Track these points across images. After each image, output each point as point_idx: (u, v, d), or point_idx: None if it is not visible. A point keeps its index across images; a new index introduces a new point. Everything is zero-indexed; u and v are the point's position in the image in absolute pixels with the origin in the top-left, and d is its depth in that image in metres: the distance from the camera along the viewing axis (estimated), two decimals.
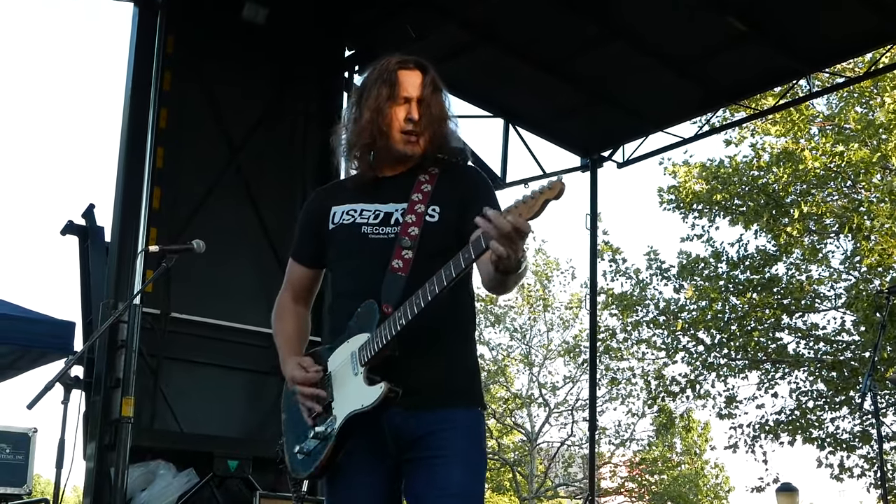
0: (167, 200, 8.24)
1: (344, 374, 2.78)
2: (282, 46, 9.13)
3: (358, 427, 2.73)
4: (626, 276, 20.55)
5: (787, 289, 18.17)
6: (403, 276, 2.75)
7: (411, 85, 2.92)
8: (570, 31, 9.29)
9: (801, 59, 9.52)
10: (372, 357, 2.70)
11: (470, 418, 2.82)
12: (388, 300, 2.72)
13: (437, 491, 2.71)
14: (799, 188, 17.54)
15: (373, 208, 2.90)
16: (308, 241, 3.06)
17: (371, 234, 2.86)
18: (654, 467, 28.83)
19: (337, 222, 2.94)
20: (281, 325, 3.09)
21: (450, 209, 2.85)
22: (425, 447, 2.73)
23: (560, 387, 27.92)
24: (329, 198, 3.04)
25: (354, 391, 2.72)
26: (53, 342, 8.08)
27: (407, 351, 2.70)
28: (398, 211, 2.86)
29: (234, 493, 7.92)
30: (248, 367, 8.30)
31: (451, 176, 2.93)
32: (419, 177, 2.91)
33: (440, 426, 2.74)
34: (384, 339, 2.67)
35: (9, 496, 7.31)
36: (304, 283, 3.11)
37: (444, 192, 2.88)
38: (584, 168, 11.42)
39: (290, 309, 3.11)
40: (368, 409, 2.67)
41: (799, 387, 18.51)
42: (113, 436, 7.14)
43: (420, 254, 2.78)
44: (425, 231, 2.81)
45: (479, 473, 2.84)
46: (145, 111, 7.97)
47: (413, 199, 2.85)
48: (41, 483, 29.49)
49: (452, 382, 2.81)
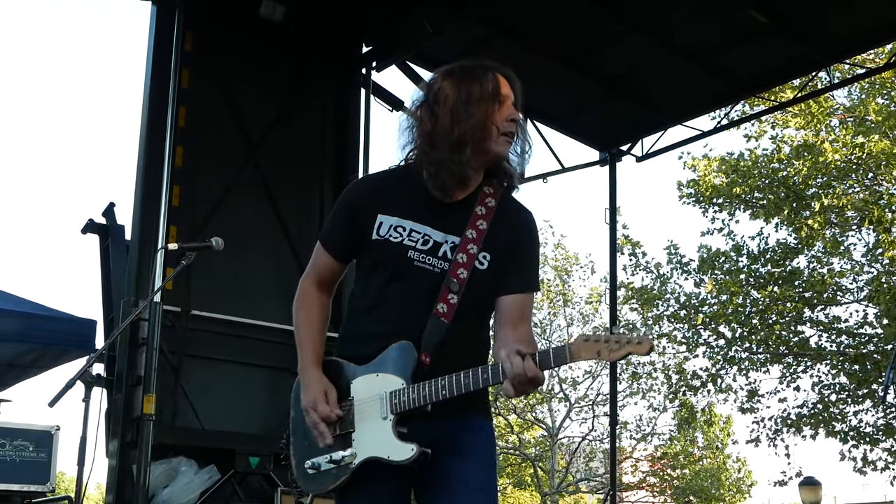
0: (186, 198, 8.27)
1: (370, 411, 2.74)
2: (299, 43, 9.14)
3: (375, 464, 2.71)
4: (646, 270, 20.50)
5: (809, 282, 18.07)
6: (446, 324, 2.73)
7: (509, 90, 2.91)
8: (588, 24, 9.26)
9: (820, 51, 9.46)
10: (407, 411, 2.68)
11: (484, 426, 2.88)
12: (427, 348, 2.71)
13: (457, 485, 2.74)
14: (820, 181, 17.43)
15: (423, 231, 2.80)
16: (346, 236, 2.92)
17: (417, 260, 2.78)
18: (675, 462, 28.74)
19: (383, 235, 2.81)
20: (305, 314, 2.96)
21: (498, 259, 2.82)
22: (445, 446, 2.76)
23: (581, 382, 27.92)
24: (377, 198, 2.87)
25: (381, 437, 2.70)
26: (75, 340, 8.11)
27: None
28: (448, 243, 2.80)
29: (255, 490, 7.94)
30: (268, 364, 8.32)
31: (507, 216, 2.89)
32: (476, 208, 2.84)
33: (457, 427, 2.78)
34: (423, 400, 2.66)
35: (32, 493, 7.36)
36: (331, 275, 2.99)
37: (497, 236, 2.83)
38: (603, 162, 11.40)
39: (316, 298, 2.98)
40: (394, 464, 2.68)
41: (821, 380, 18.42)
42: (135, 433, 7.17)
43: (464, 300, 2.76)
44: (473, 277, 2.77)
45: (494, 471, 2.89)
46: (164, 109, 8.01)
47: (467, 235, 2.79)
48: (64, 480, 29.69)
49: (475, 396, 2.77)
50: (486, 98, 2.84)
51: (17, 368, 9.46)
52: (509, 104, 2.88)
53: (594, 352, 2.51)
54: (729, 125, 11.69)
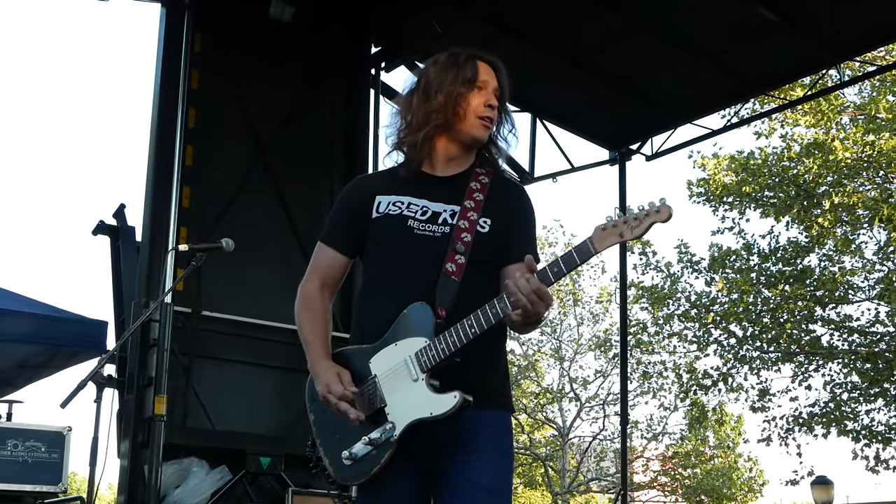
0: (196, 199, 8.29)
1: (398, 380, 2.72)
2: (308, 44, 9.16)
3: (417, 431, 2.70)
4: (656, 269, 20.48)
5: (820, 280, 18.03)
6: (457, 281, 2.75)
7: (489, 76, 2.94)
8: (595, 23, 9.25)
9: (830, 48, 9.41)
10: (437, 364, 2.67)
11: (502, 420, 2.86)
12: (443, 303, 2.72)
13: (470, 486, 2.72)
14: (830, 179, 17.38)
15: (421, 204, 2.86)
16: (347, 227, 2.96)
17: (417, 229, 2.83)
18: (686, 461, 28.69)
19: (382, 212, 2.87)
20: (310, 316, 2.97)
21: (499, 224, 2.87)
22: (459, 444, 2.74)
23: (591, 381, 27.92)
24: (373, 185, 2.97)
25: (418, 399, 2.68)
26: (86, 341, 8.12)
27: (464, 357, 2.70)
28: (446, 212, 2.85)
29: (266, 490, 7.95)
30: (279, 365, 8.33)
31: (502, 190, 2.95)
32: (471, 183, 2.90)
33: (475, 424, 2.75)
34: (451, 348, 2.65)
35: (44, 494, 7.37)
36: (335, 272, 3.00)
37: (495, 205, 2.89)
38: (613, 161, 11.37)
39: (319, 300, 2.99)
40: (440, 417, 2.65)
41: (833, 379, 18.37)
42: (146, 434, 7.19)
43: (471, 261, 2.78)
44: (477, 240, 2.81)
45: (509, 471, 2.88)
46: (174, 110, 8.03)
47: (466, 205, 2.85)
48: (76, 481, 29.75)
49: (490, 386, 2.82)
50: (461, 82, 2.88)
51: (29, 369, 9.48)
52: (489, 91, 2.92)
53: (617, 235, 2.54)
54: (739, 124, 11.66)
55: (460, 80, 2.89)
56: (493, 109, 2.91)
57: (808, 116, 17.16)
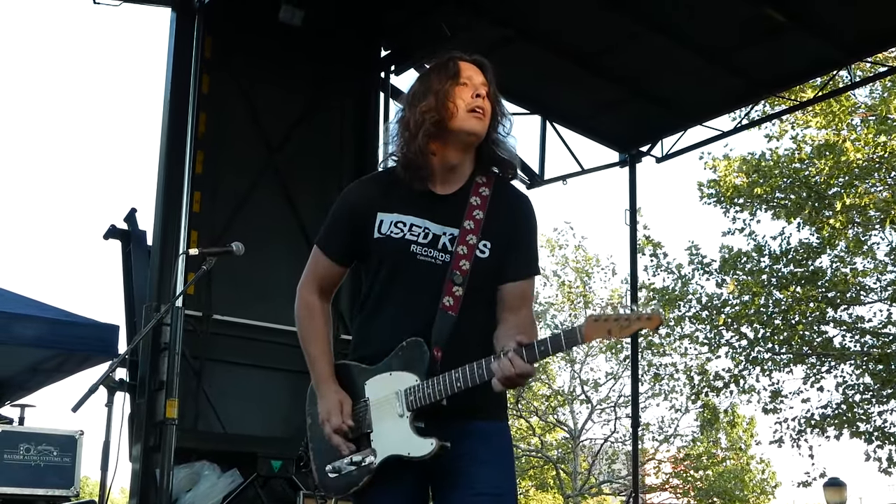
0: (207, 203, 8.31)
1: (386, 410, 2.77)
2: (318, 48, 9.17)
3: (395, 463, 2.74)
4: (667, 271, 20.43)
5: (832, 281, 17.96)
6: (454, 317, 2.76)
7: (474, 72, 2.94)
8: (606, 25, 9.23)
9: (841, 49, 9.39)
10: (421, 406, 2.71)
11: (498, 428, 2.89)
12: (438, 342, 2.74)
13: (473, 495, 2.74)
14: (842, 180, 17.32)
15: (423, 226, 2.85)
16: (346, 238, 2.96)
17: (420, 254, 2.82)
18: (698, 463, 28.61)
19: (384, 233, 2.85)
20: (312, 326, 3.01)
21: (499, 246, 2.86)
22: (460, 451, 2.75)
23: (602, 383, 27.84)
24: (375, 198, 2.92)
25: (399, 435, 2.73)
26: (97, 345, 8.15)
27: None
28: (446, 235, 2.83)
29: (278, 493, 7.96)
30: (289, 368, 8.32)
31: (504, 203, 2.92)
32: (471, 199, 2.87)
33: (475, 432, 2.79)
34: (436, 395, 2.68)
35: (57, 498, 7.39)
36: (333, 280, 3.02)
37: (495, 223, 2.87)
38: (623, 164, 11.36)
39: (319, 306, 3.02)
40: (415, 459, 2.70)
41: (845, 380, 18.30)
42: (158, 437, 7.21)
43: (468, 291, 2.79)
44: (475, 267, 2.81)
45: (511, 474, 2.87)
46: (184, 115, 8.03)
47: (465, 226, 2.83)
48: (89, 485, 29.81)
49: (487, 400, 2.81)
50: (444, 80, 2.88)
51: (42, 373, 9.51)
52: (476, 84, 2.90)
53: (605, 331, 2.53)
54: (749, 125, 11.63)
55: (445, 78, 2.89)
56: (482, 100, 2.88)
57: (819, 118, 17.10)
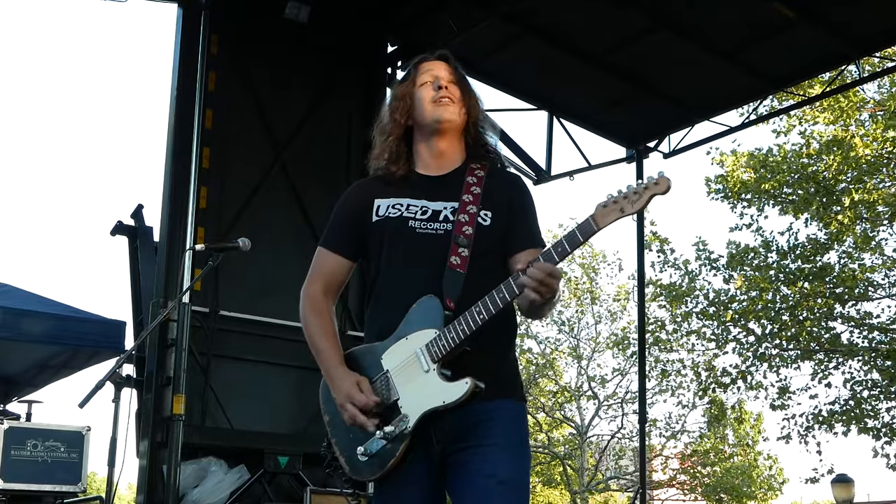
0: (214, 200, 8.31)
1: (410, 372, 2.76)
2: (324, 43, 9.16)
3: (430, 423, 2.74)
4: (674, 266, 20.39)
5: (840, 277, 17.92)
6: (462, 273, 2.79)
7: (435, 67, 3.06)
8: (613, 21, 9.21)
9: (849, 44, 9.36)
10: (447, 353, 2.70)
11: (516, 409, 2.87)
12: (451, 295, 2.76)
13: (484, 477, 2.73)
14: (850, 175, 17.27)
15: (420, 204, 2.91)
16: (349, 232, 3.01)
17: (419, 228, 2.87)
18: (706, 459, 28.57)
19: (382, 215, 2.93)
20: (319, 321, 3.00)
21: (499, 214, 2.92)
22: (473, 436, 2.75)
23: (609, 379, 27.81)
24: (372, 190, 3.02)
25: (430, 388, 2.72)
26: (105, 342, 8.16)
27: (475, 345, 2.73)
28: (447, 209, 2.90)
29: (285, 489, 7.97)
30: (296, 364, 8.32)
31: (498, 181, 3.00)
32: (467, 178, 2.95)
33: (489, 416, 2.76)
34: (459, 336, 2.69)
35: (64, 494, 7.41)
36: (338, 276, 3.05)
37: (493, 196, 2.94)
38: (630, 159, 11.34)
39: (324, 304, 3.03)
40: (452, 405, 2.69)
41: (853, 376, 18.28)
42: (165, 433, 7.22)
43: (474, 253, 2.83)
44: (479, 232, 2.85)
45: (525, 464, 2.87)
46: (191, 112, 8.03)
47: (464, 199, 2.89)
48: (96, 481, 29.91)
49: (501, 375, 2.83)
50: (407, 85, 3.05)
51: (49, 370, 9.54)
52: (436, 76, 3.03)
53: (618, 210, 2.57)
54: (757, 120, 11.59)
55: (407, 83, 3.06)
56: (444, 89, 2.99)
57: (827, 113, 17.06)
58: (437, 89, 2.98)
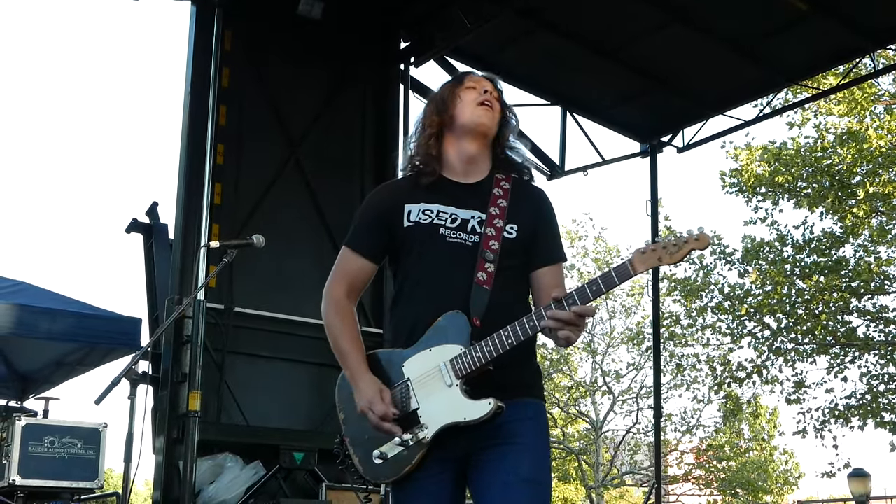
0: (228, 196, 8.33)
1: (431, 385, 2.80)
2: (337, 40, 9.17)
3: (447, 436, 2.77)
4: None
5: (856, 271, 17.84)
6: (488, 290, 2.83)
7: (481, 80, 3.12)
8: (627, 15, 9.20)
9: (864, 37, 9.32)
10: (471, 371, 2.75)
11: (537, 409, 2.93)
12: (477, 313, 2.80)
13: (507, 475, 2.77)
14: (865, 168, 17.19)
15: (449, 211, 2.95)
16: (375, 235, 3.02)
17: (449, 237, 2.92)
18: (721, 454, 28.51)
19: (413, 220, 2.95)
20: (342, 323, 3.03)
21: (525, 229, 2.97)
22: (497, 436, 2.79)
23: (624, 374, 27.78)
24: (400, 193, 3.03)
25: (451, 404, 2.76)
26: (120, 339, 8.19)
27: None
28: (474, 219, 2.94)
29: (300, 485, 7.99)
30: (311, 360, 8.36)
31: (524, 194, 3.05)
32: (493, 190, 3.00)
33: (513, 416, 2.79)
34: (486, 357, 2.73)
35: (81, 490, 7.45)
36: (362, 278, 3.06)
37: (519, 210, 2.99)
38: (644, 154, 11.32)
39: (348, 306, 3.05)
40: (472, 423, 2.73)
41: (869, 370, 18.20)
42: (181, 430, 7.24)
43: (499, 268, 2.88)
44: (504, 247, 2.91)
45: (547, 463, 2.92)
46: (205, 108, 8.05)
47: (491, 212, 2.95)
48: (113, 477, 30.02)
49: (523, 377, 2.92)
50: (453, 86, 3.11)
51: (66, 367, 9.58)
52: (482, 86, 3.08)
53: (655, 259, 2.62)
54: (771, 114, 11.54)
55: (452, 85, 3.12)
56: (488, 95, 3.05)
57: (842, 106, 16.99)
58: (482, 93, 3.04)
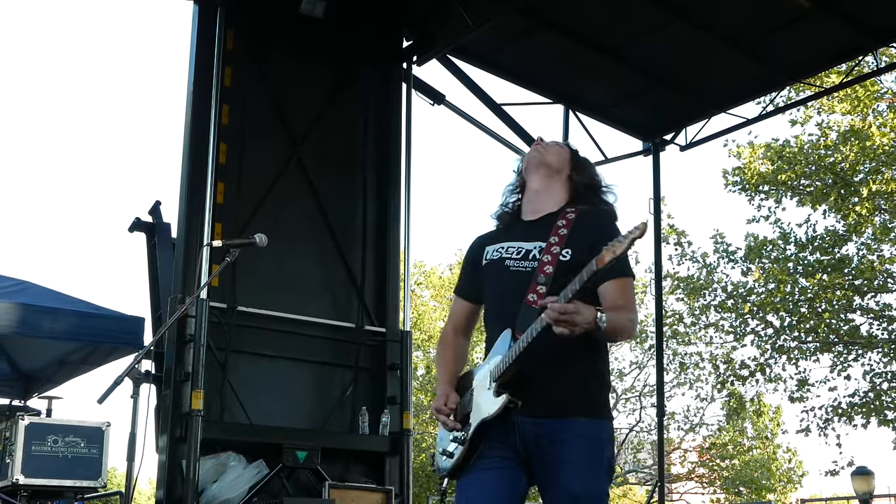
0: (231, 195, 8.31)
1: (481, 389, 3.25)
2: (340, 39, 9.16)
3: (489, 432, 3.19)
4: (692, 259, 20.35)
5: (858, 269, 17.84)
6: (535, 309, 3.10)
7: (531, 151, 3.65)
8: (630, 13, 9.19)
9: (867, 34, 9.31)
10: (501, 374, 3.13)
11: (589, 427, 3.19)
12: (520, 329, 3.13)
13: (559, 491, 3.12)
14: (867, 166, 17.19)
15: (517, 246, 3.39)
16: (468, 278, 3.59)
17: (513, 266, 3.35)
18: (724, 452, 28.49)
19: (489, 259, 3.47)
20: (441, 353, 3.60)
21: (581, 251, 3.19)
22: (548, 453, 3.14)
23: (627, 372, 27.78)
24: (486, 240, 3.57)
25: (485, 402, 3.20)
26: (123, 338, 8.20)
27: (536, 367, 3.11)
28: (536, 248, 3.32)
29: (303, 484, 7.98)
30: (314, 359, 8.36)
31: (587, 220, 3.36)
32: (557, 221, 3.35)
33: (560, 435, 3.13)
34: (509, 359, 3.11)
35: (84, 489, 7.44)
36: (463, 317, 3.64)
37: (577, 235, 3.28)
38: (647, 152, 11.32)
39: (450, 339, 3.62)
40: (490, 417, 3.15)
41: (873, 368, 18.20)
42: (184, 429, 7.25)
43: (552, 289, 3.12)
44: (558, 269, 3.21)
45: (598, 476, 3.18)
46: (207, 107, 8.05)
47: (550, 240, 3.30)
48: (116, 476, 30.03)
49: (573, 394, 3.20)
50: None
51: (68, 366, 9.59)
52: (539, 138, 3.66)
53: (611, 253, 2.84)
54: (774, 112, 11.54)
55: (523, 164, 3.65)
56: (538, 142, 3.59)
57: (845, 103, 16.98)
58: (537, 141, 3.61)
